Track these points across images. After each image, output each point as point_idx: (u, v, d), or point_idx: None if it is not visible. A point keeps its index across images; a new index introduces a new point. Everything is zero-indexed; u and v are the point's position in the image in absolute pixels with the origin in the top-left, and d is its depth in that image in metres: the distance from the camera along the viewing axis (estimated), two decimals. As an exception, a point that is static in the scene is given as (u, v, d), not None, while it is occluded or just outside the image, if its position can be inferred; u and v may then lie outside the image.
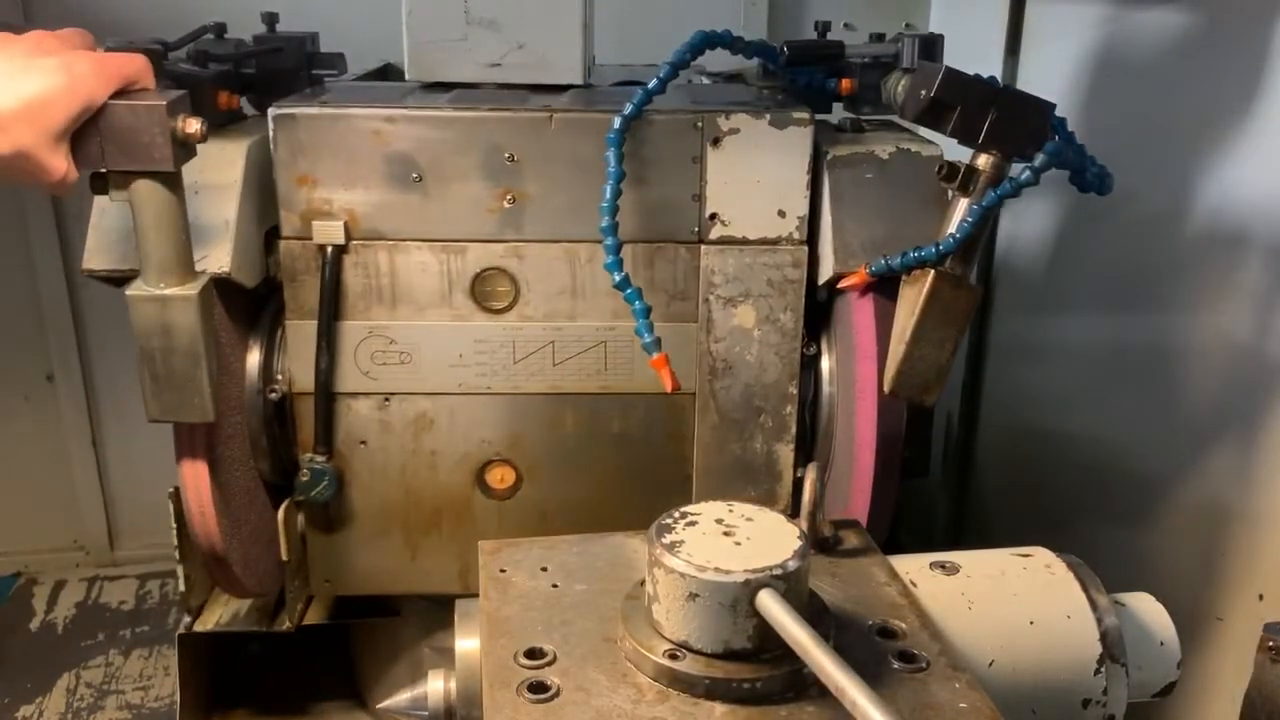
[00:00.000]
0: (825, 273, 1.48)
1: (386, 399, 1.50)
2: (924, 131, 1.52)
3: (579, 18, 1.53)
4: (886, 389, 1.31)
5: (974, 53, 1.42)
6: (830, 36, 1.69)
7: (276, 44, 1.61)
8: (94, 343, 2.30)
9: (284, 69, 1.60)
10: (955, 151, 1.31)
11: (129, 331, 1.23)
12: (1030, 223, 1.98)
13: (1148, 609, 1.03)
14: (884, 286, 1.41)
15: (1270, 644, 0.96)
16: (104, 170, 1.15)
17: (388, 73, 1.83)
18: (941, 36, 1.47)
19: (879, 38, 1.67)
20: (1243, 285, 1.50)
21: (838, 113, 1.64)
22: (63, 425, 2.34)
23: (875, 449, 1.43)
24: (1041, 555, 1.04)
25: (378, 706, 1.00)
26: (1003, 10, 2.06)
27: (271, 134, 1.42)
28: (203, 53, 1.49)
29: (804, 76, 1.60)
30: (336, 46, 1.70)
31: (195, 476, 1.41)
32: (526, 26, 1.52)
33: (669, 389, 1.32)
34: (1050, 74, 1.89)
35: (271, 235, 1.48)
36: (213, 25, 1.59)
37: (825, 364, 1.57)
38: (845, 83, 1.58)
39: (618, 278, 1.32)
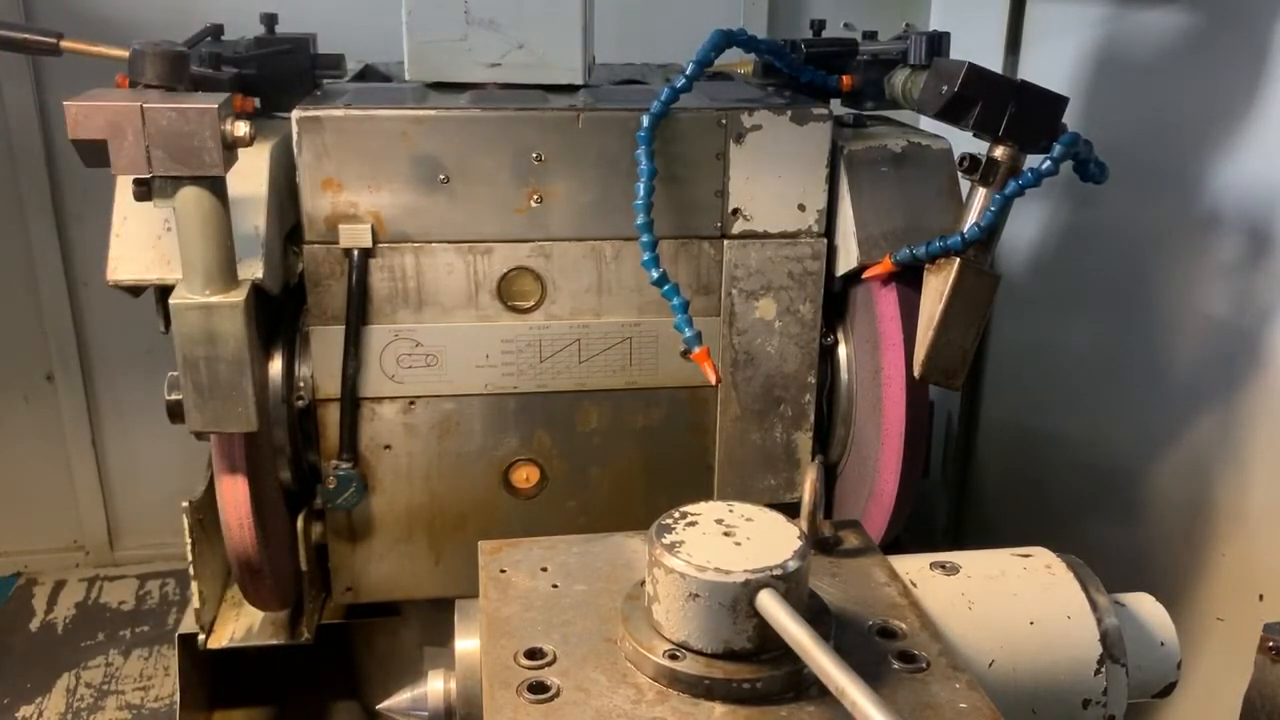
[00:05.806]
0: (847, 264, 1.49)
1: (412, 402, 1.49)
2: (925, 125, 1.52)
3: (579, 18, 1.53)
4: (916, 374, 1.34)
5: (974, 51, 1.42)
6: (825, 35, 1.70)
7: (283, 46, 1.59)
8: (94, 343, 2.29)
9: (292, 71, 1.57)
10: (959, 145, 1.32)
11: (128, 332, 1.22)
12: (1029, 225, 1.98)
13: (1148, 609, 1.03)
14: (904, 276, 1.43)
15: (1270, 644, 0.96)
16: (149, 176, 1.11)
17: (366, 75, 1.80)
18: (948, 34, 1.48)
19: (871, 36, 1.68)
20: (1243, 286, 1.50)
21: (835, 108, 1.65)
22: (63, 425, 2.34)
23: (904, 433, 1.45)
24: (1041, 555, 1.04)
25: (378, 706, 1.00)
26: (1003, 9, 2.06)
27: (295, 137, 1.39)
28: (215, 55, 1.45)
29: (806, 74, 1.61)
30: (324, 48, 1.68)
31: (234, 489, 1.37)
32: (526, 26, 1.52)
33: (713, 381, 1.35)
34: (1050, 72, 1.88)
35: (286, 240, 1.45)
36: (211, 28, 1.58)
37: (843, 352, 1.59)
38: (846, 79, 1.59)
39: (655, 274, 1.33)
